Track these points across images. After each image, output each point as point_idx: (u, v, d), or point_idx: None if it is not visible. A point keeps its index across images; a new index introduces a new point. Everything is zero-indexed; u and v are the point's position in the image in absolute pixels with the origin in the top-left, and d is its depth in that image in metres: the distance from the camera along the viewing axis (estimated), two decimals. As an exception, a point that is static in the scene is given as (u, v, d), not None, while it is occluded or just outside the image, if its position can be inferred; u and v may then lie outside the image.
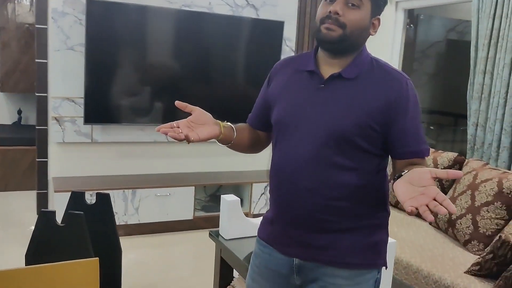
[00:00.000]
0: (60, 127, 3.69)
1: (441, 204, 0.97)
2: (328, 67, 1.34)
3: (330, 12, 1.26)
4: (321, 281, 1.35)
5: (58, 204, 3.40)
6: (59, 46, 3.59)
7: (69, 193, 2.62)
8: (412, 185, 1.06)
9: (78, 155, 3.86)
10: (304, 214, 1.32)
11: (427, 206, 0.98)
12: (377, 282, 1.40)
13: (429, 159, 3.28)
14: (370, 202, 1.34)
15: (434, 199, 0.98)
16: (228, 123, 1.43)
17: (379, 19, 1.34)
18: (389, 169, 2.21)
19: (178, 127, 1.27)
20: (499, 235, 2.27)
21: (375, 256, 1.36)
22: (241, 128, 1.49)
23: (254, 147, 1.56)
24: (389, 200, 1.42)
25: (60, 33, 3.57)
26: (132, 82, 3.83)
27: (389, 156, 1.37)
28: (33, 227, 3.70)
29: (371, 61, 1.34)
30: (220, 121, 1.39)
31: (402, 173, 1.13)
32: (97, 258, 1.74)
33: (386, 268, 1.41)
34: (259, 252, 1.48)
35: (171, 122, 1.28)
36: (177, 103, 1.30)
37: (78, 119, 3.73)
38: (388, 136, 1.30)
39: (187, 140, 1.25)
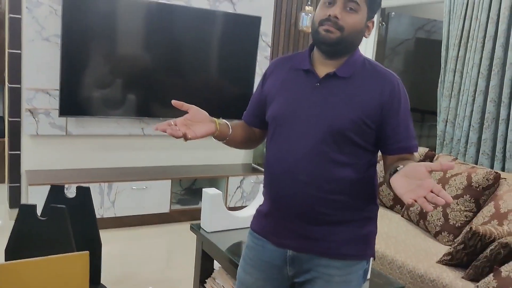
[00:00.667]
0: (34, 119, 3.62)
1: (437, 195, 1.05)
2: (323, 67, 1.40)
3: (329, 15, 1.32)
4: (314, 271, 1.41)
5: (33, 197, 3.34)
6: (34, 37, 3.52)
7: (44, 187, 2.60)
8: (408, 178, 1.13)
9: (52, 148, 3.80)
10: (302, 207, 1.38)
11: (425, 197, 1.06)
12: (366, 272, 1.47)
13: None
14: (362, 196, 1.41)
15: (431, 191, 1.06)
16: (224, 120, 1.47)
17: (373, 22, 1.41)
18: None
19: (176, 125, 1.31)
20: (469, 226, 2.39)
21: (366, 247, 1.43)
22: (236, 125, 1.53)
23: (248, 143, 1.61)
24: (378, 194, 1.50)
25: (34, 23, 3.50)
26: (108, 75, 3.80)
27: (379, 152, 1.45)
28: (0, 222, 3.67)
29: (363, 61, 1.41)
30: (216, 118, 1.43)
31: (398, 168, 1.20)
32: (87, 252, 1.75)
33: (374, 259, 1.49)
34: (252, 244, 1.53)
35: (169, 120, 1.32)
36: (174, 102, 1.34)
37: (53, 111, 3.67)
38: (381, 133, 1.37)
39: (185, 138, 1.29)
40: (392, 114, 1.35)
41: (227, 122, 1.48)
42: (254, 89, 4.31)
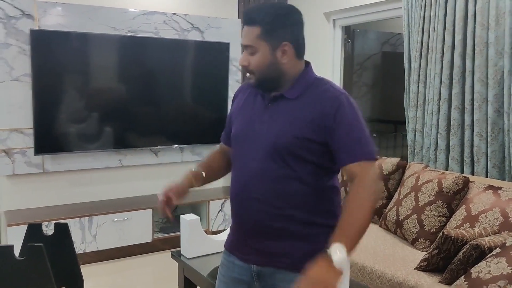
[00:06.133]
0: (9, 159, 3.62)
1: None
2: (275, 90, 1.49)
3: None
4: (278, 287, 1.46)
5: (12, 238, 3.32)
6: (3, 78, 3.54)
7: (24, 226, 2.59)
8: None
9: (30, 186, 3.79)
10: (256, 222, 1.45)
11: None
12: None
13: (374, 166, 3.48)
14: (319, 211, 1.45)
15: None
16: (200, 170, 1.64)
17: (287, 44, 1.42)
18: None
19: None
20: (442, 231, 2.46)
21: None
22: (210, 163, 1.67)
23: (226, 170, 1.70)
24: (340, 209, 1.53)
25: (3, 65, 3.52)
26: (82, 110, 3.83)
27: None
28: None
29: (313, 82, 1.48)
30: (193, 179, 1.61)
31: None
32: (65, 288, 1.76)
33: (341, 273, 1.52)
34: (224, 261, 1.60)
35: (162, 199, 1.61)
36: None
37: (28, 150, 3.67)
38: (331, 147, 1.41)
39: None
40: (336, 127, 1.38)
41: (203, 172, 1.62)
42: (228, 113, 4.38)
